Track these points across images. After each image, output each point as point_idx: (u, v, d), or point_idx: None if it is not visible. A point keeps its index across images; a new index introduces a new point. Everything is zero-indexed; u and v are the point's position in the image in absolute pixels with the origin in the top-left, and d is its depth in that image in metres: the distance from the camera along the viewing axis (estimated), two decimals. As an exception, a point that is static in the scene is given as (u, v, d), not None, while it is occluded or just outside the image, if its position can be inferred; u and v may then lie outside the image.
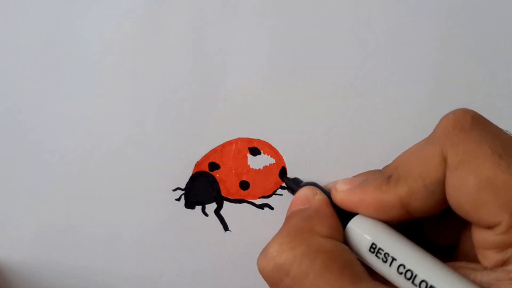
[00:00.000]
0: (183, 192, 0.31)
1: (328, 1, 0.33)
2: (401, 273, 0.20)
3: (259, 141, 0.31)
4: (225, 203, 0.31)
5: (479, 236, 0.19)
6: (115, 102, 0.32)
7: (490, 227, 0.18)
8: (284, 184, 0.31)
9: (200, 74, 0.33)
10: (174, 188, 0.31)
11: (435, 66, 0.32)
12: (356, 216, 0.22)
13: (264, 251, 0.21)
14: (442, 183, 0.19)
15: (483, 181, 0.18)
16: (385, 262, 0.20)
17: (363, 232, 0.21)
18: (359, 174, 0.24)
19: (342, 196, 0.22)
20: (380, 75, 0.32)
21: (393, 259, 0.20)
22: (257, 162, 0.31)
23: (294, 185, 0.27)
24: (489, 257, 0.18)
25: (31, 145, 0.32)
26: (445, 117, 0.20)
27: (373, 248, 0.21)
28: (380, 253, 0.20)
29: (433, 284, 0.19)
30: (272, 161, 0.31)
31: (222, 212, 0.30)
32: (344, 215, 0.22)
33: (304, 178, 0.29)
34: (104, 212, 0.31)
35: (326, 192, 0.24)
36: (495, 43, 0.32)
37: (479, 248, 0.19)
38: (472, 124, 0.19)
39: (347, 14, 0.33)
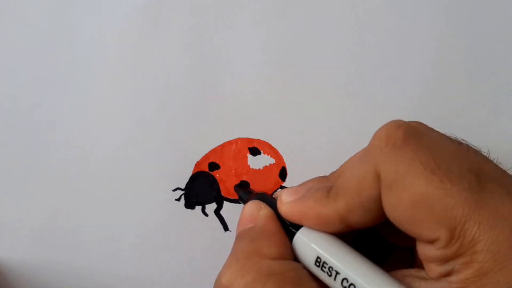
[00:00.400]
0: (183, 192, 0.31)
1: (328, 1, 0.33)
2: (344, 287, 0.20)
3: (259, 141, 0.31)
4: (225, 203, 0.31)
5: (421, 250, 0.19)
6: (115, 102, 0.32)
7: (430, 242, 0.18)
8: (284, 184, 0.31)
9: (200, 74, 0.33)
10: (174, 188, 0.31)
11: (435, 66, 0.32)
12: (302, 229, 0.22)
13: (217, 280, 0.21)
14: (378, 200, 0.19)
15: (417, 198, 0.18)
16: (330, 276, 0.20)
17: (308, 246, 0.21)
18: (305, 181, 0.24)
19: (286, 208, 0.22)
20: (380, 75, 0.32)
21: (337, 272, 0.20)
22: (257, 162, 0.31)
23: (244, 197, 0.27)
24: (432, 269, 0.19)
25: (31, 145, 0.32)
26: (377, 132, 0.20)
27: (318, 262, 0.21)
28: (325, 267, 0.20)
29: None
30: (272, 161, 0.31)
31: (222, 212, 0.30)
32: (291, 226, 0.22)
33: (304, 178, 0.29)
34: (104, 212, 0.31)
35: (274, 204, 0.23)
36: (495, 43, 0.32)
37: (423, 260, 0.19)
38: (403, 139, 0.19)
39: (347, 14, 0.33)
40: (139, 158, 0.31)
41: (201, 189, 0.31)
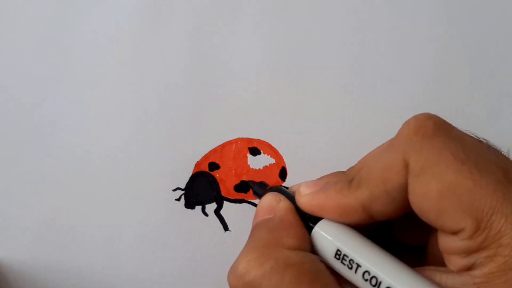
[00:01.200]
0: (183, 192, 0.31)
1: (328, 1, 0.33)
2: (366, 280, 0.19)
3: (259, 141, 0.31)
4: (225, 203, 0.31)
5: (444, 242, 0.19)
6: (115, 102, 0.32)
7: (454, 232, 0.18)
8: (284, 184, 0.31)
9: (200, 74, 0.33)
10: (174, 188, 0.31)
11: (434, 65, 0.32)
12: (321, 221, 0.21)
13: (233, 268, 0.21)
14: (403, 189, 0.19)
15: (445, 187, 0.18)
16: (351, 268, 0.20)
17: (328, 239, 0.21)
18: (324, 176, 0.24)
19: (305, 200, 0.22)
20: (380, 75, 0.32)
21: (358, 265, 0.20)
22: (257, 162, 0.31)
23: (259, 190, 0.26)
24: (454, 262, 0.18)
25: (31, 144, 0.32)
26: (407, 122, 0.20)
27: (338, 255, 0.20)
28: (345, 260, 0.20)
29: None
30: (272, 161, 0.31)
31: (222, 212, 0.30)
32: (309, 219, 0.22)
33: (304, 178, 0.29)
34: (104, 212, 0.31)
35: (291, 196, 0.23)
36: (495, 43, 0.32)
37: (445, 252, 0.19)
38: (434, 130, 0.19)
39: (347, 14, 0.33)
40: (139, 158, 0.31)
41: (201, 189, 0.31)
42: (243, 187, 0.31)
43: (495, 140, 0.20)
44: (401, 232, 0.23)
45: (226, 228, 0.30)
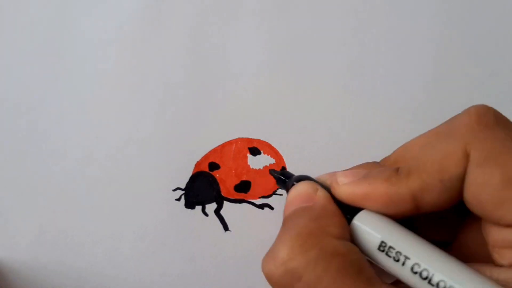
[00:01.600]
0: (183, 192, 0.31)
1: (328, 1, 0.33)
2: (415, 273, 0.18)
3: (259, 141, 0.31)
4: (225, 203, 0.31)
5: (497, 235, 0.18)
6: (115, 102, 0.32)
7: (510, 225, 0.18)
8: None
9: (200, 74, 0.33)
10: (174, 188, 0.31)
11: (434, 65, 0.32)
12: (361, 212, 0.20)
13: (272, 254, 0.19)
14: (460, 179, 0.19)
15: (509, 177, 0.17)
16: (397, 261, 0.19)
17: (371, 230, 0.20)
18: (357, 166, 0.23)
19: (347, 190, 0.21)
20: (380, 75, 0.32)
21: (406, 257, 0.19)
22: (257, 162, 0.31)
23: (285, 179, 0.25)
24: (506, 255, 0.18)
25: (31, 145, 0.32)
26: (467, 112, 0.20)
27: (383, 247, 0.19)
28: (391, 252, 0.19)
29: (453, 284, 0.18)
30: (272, 161, 0.31)
31: (222, 212, 0.30)
32: (346, 211, 0.21)
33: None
34: (105, 212, 0.31)
35: (325, 187, 0.22)
36: (494, 42, 0.32)
37: (496, 246, 0.19)
38: (495, 121, 0.19)
39: (347, 14, 0.33)
40: (139, 158, 0.31)
41: (201, 189, 0.31)
42: (243, 187, 0.31)
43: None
44: (427, 226, 0.22)
45: (226, 228, 0.30)
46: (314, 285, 0.18)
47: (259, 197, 0.30)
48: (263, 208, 0.30)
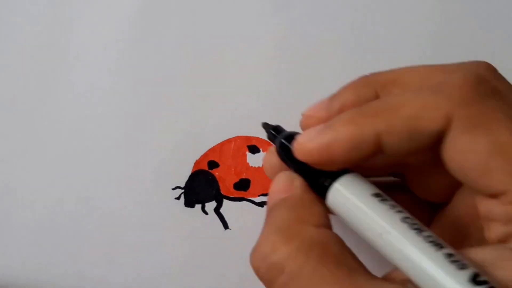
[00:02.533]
0: (183, 191, 0.31)
1: (326, 0, 0.33)
2: (406, 223, 0.18)
3: (257, 138, 0.31)
4: (225, 201, 0.31)
5: (483, 206, 0.18)
6: (113, 101, 0.32)
7: (495, 195, 0.17)
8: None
9: (199, 72, 0.33)
10: (173, 187, 0.31)
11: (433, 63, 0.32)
12: (341, 178, 0.20)
13: (256, 249, 0.20)
14: (431, 137, 0.18)
15: (496, 146, 0.17)
16: (392, 208, 0.18)
17: (354, 190, 0.19)
18: (335, 94, 0.23)
19: (308, 145, 0.20)
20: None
21: (400, 211, 0.18)
22: (256, 160, 0.31)
23: (273, 136, 0.24)
24: (494, 229, 0.17)
25: (29, 144, 0.32)
26: (468, 72, 0.19)
27: (378, 195, 0.19)
28: (387, 199, 0.19)
29: (436, 239, 0.17)
30: (271, 158, 0.31)
31: (222, 210, 0.30)
32: (321, 188, 0.21)
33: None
34: (104, 211, 0.31)
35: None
36: (494, 41, 0.32)
37: (484, 219, 0.18)
38: (493, 90, 0.18)
39: (346, 12, 0.33)
40: (138, 157, 0.31)
41: (200, 188, 0.31)
42: (242, 185, 0.31)
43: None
44: (419, 187, 0.22)
45: (226, 226, 0.30)
46: (296, 276, 0.18)
47: (259, 195, 0.30)
48: (262, 206, 0.30)
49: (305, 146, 0.20)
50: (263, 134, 0.31)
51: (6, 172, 0.32)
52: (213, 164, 0.31)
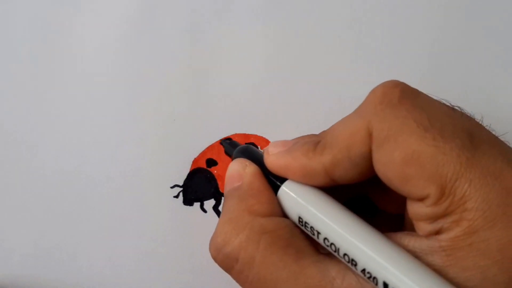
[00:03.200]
0: (181, 189, 0.31)
1: (323, -4, 0.33)
2: (327, 246, 0.19)
3: (256, 136, 0.31)
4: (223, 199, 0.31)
5: (411, 208, 0.19)
6: (112, 101, 0.33)
7: (420, 199, 0.18)
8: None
9: (196, 71, 0.33)
10: (172, 185, 0.31)
11: (432, 62, 0.32)
12: (286, 182, 0.21)
13: (212, 241, 0.21)
14: (366, 157, 0.19)
15: (408, 155, 0.18)
16: (313, 235, 0.20)
17: (290, 204, 0.21)
18: (298, 137, 0.24)
19: (271, 160, 0.22)
20: (379, 74, 0.32)
21: (318, 232, 0.20)
22: (254, 158, 0.31)
23: (230, 150, 0.26)
24: (422, 227, 0.18)
25: (28, 143, 0.32)
26: (374, 90, 0.20)
27: (301, 222, 0.20)
28: (307, 227, 0.20)
29: (354, 257, 0.18)
30: (270, 156, 0.31)
31: (220, 208, 0.30)
32: (275, 181, 0.22)
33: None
34: (103, 210, 0.31)
35: (261, 157, 0.23)
36: (492, 39, 0.32)
37: (413, 219, 0.19)
38: (399, 98, 0.19)
39: (343, 11, 0.33)
40: (136, 156, 0.31)
41: (199, 186, 0.31)
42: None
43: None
44: (377, 199, 0.23)
45: (224, 224, 0.30)
46: (249, 264, 0.20)
47: (257, 193, 0.30)
48: (261, 204, 0.30)
49: (268, 159, 0.22)
50: (261, 132, 0.31)
51: (6, 172, 0.32)
52: (211, 162, 0.31)
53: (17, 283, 0.30)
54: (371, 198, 0.24)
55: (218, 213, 0.30)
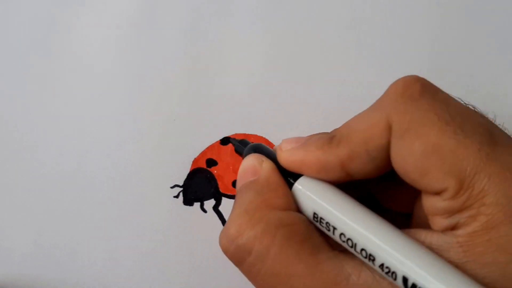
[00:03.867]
0: (181, 189, 0.31)
1: (323, -4, 0.33)
2: (343, 242, 0.19)
3: (256, 136, 0.31)
4: (224, 199, 0.31)
5: (428, 202, 0.19)
6: (112, 101, 0.33)
7: (437, 193, 0.18)
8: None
9: (196, 71, 0.33)
10: (172, 185, 0.31)
11: (432, 61, 0.32)
12: (300, 179, 0.21)
13: (225, 232, 0.21)
14: (384, 150, 0.19)
15: (429, 147, 0.18)
16: (329, 231, 0.20)
17: (305, 200, 0.21)
18: (309, 135, 0.24)
19: (286, 156, 0.22)
20: (378, 73, 0.32)
21: (334, 228, 0.19)
22: (254, 158, 0.31)
23: (241, 148, 0.25)
24: (438, 222, 0.18)
25: (27, 141, 0.32)
26: (395, 84, 0.20)
27: (316, 218, 0.20)
28: (322, 222, 0.20)
29: (372, 253, 0.18)
30: (270, 156, 0.31)
31: (220, 208, 0.30)
32: (290, 177, 0.22)
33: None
34: (103, 210, 0.31)
35: (273, 154, 0.23)
36: (492, 39, 0.32)
37: (429, 214, 0.19)
38: (421, 92, 0.19)
39: (343, 11, 0.33)
40: (137, 156, 0.31)
41: (199, 186, 0.31)
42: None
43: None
44: (387, 199, 0.23)
45: (224, 224, 0.30)
46: (263, 257, 0.19)
47: (257, 193, 0.30)
48: (261, 204, 0.30)
49: (282, 156, 0.22)
50: (261, 132, 0.32)
51: (6, 172, 0.32)
52: (211, 162, 0.31)
53: (17, 283, 0.30)
54: (376, 197, 0.24)
55: (218, 213, 0.30)
